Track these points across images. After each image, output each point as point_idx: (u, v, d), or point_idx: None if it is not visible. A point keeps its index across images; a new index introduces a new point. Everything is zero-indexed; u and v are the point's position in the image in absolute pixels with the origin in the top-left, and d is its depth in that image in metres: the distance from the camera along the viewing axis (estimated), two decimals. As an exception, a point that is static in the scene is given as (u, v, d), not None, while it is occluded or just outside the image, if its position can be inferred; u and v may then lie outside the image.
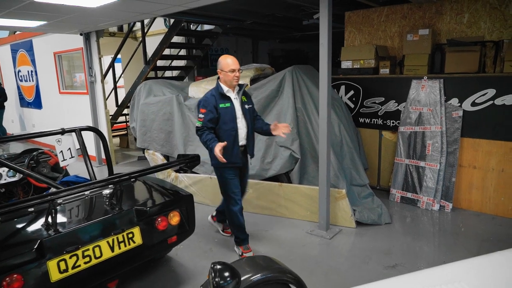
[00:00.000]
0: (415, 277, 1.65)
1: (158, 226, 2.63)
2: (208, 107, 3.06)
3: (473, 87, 4.09)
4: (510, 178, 3.99)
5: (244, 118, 3.19)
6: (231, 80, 3.09)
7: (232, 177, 3.23)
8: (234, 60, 3.11)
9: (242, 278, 1.90)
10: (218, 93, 3.12)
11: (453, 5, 4.63)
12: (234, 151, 3.15)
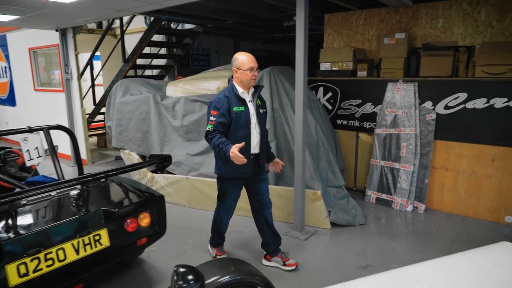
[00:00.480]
0: (378, 279, 1.66)
1: (127, 227, 2.58)
2: (220, 109, 2.74)
3: (446, 91, 4.17)
4: (480, 179, 4.09)
5: (259, 124, 2.89)
6: (249, 79, 2.77)
7: (234, 189, 3.01)
8: (252, 58, 2.81)
9: (209, 280, 1.88)
10: (232, 95, 2.80)
11: (429, 10, 4.72)
12: (247, 160, 2.76)
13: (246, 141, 2.79)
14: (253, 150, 2.89)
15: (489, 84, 3.91)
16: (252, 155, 2.89)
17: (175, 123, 4.67)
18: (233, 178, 2.95)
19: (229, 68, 4.98)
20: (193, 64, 8.53)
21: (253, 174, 2.97)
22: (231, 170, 2.87)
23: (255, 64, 2.79)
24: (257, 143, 2.90)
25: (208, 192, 4.45)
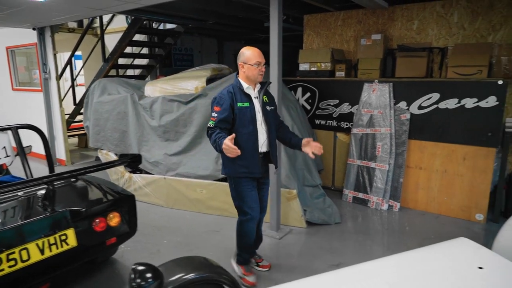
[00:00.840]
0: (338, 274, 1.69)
1: (95, 227, 2.56)
2: (223, 105, 2.62)
3: (420, 91, 4.25)
4: (452, 178, 4.17)
5: (265, 122, 2.74)
6: (255, 75, 2.66)
7: (249, 188, 2.77)
8: (259, 52, 2.69)
9: (174, 277, 1.89)
10: (237, 90, 2.69)
11: (404, 12, 4.81)
12: (254, 158, 2.68)
13: (253, 139, 2.68)
14: (261, 149, 2.74)
15: (460, 85, 4.00)
16: (260, 153, 2.74)
17: (152, 123, 4.64)
18: (245, 177, 2.74)
19: (207, 68, 5.01)
20: (176, 64, 8.50)
21: (263, 173, 2.82)
22: (240, 170, 2.69)
23: (262, 59, 2.68)
24: (264, 142, 2.75)
25: (186, 192, 4.44)
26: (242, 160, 2.61)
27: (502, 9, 4.19)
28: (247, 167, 2.68)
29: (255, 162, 2.68)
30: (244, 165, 2.67)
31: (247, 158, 2.64)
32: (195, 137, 4.41)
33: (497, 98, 3.80)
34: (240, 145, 2.55)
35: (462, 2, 4.41)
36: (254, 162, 2.67)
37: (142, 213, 4.48)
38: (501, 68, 4.11)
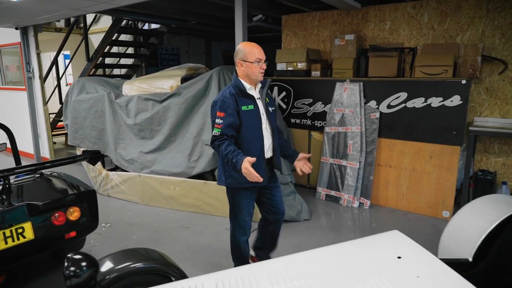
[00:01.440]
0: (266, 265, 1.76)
1: (54, 221, 2.63)
2: (228, 110, 2.36)
3: (388, 91, 4.33)
4: (420, 176, 4.25)
5: (270, 124, 2.55)
6: (256, 73, 2.42)
7: (247, 201, 2.59)
8: (259, 48, 2.45)
9: (122, 265, 1.97)
10: (239, 91, 2.43)
11: (377, 13, 4.89)
12: (260, 166, 2.43)
13: (259, 145, 2.47)
14: (266, 154, 2.54)
15: (426, 84, 4.08)
16: (266, 159, 2.54)
17: (128, 121, 4.72)
18: (245, 188, 2.53)
19: (184, 67, 5.08)
20: (162, 63, 8.57)
21: (268, 180, 2.61)
22: (245, 179, 2.31)
23: (263, 56, 2.44)
24: (269, 146, 2.55)
25: (160, 189, 4.51)
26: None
27: (469, 10, 4.27)
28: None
29: (261, 169, 2.41)
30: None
31: (253, 166, 2.30)
32: (169, 135, 4.49)
33: (461, 97, 3.88)
34: (246, 153, 2.33)
35: (431, 3, 4.49)
36: (260, 170, 2.39)
37: (118, 210, 4.58)
38: (467, 68, 4.19)
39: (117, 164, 4.88)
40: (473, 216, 2.47)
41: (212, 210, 4.28)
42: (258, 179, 2.15)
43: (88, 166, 5.19)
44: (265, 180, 2.48)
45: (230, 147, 2.28)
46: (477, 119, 4.39)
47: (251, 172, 2.14)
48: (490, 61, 4.19)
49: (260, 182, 2.29)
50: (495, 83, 4.24)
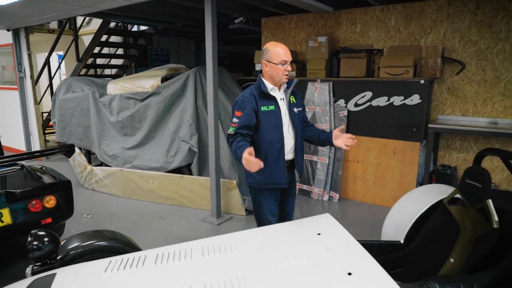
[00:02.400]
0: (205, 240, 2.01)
1: (31, 208, 2.88)
2: (245, 110, 2.36)
3: (355, 90, 4.58)
4: (385, 170, 4.50)
5: (292, 125, 2.48)
6: (280, 75, 2.37)
7: (270, 202, 2.53)
8: (286, 50, 2.38)
9: (87, 243, 2.22)
10: (260, 92, 2.41)
11: (348, 16, 5.14)
12: (279, 168, 2.43)
13: (279, 146, 2.42)
14: (287, 156, 2.49)
15: (389, 84, 4.33)
16: (287, 161, 2.49)
17: (111, 119, 4.97)
18: (266, 189, 2.50)
19: (165, 68, 5.34)
20: (152, 64, 8.81)
21: (290, 183, 2.58)
22: (264, 180, 2.43)
23: (289, 57, 2.38)
24: (291, 148, 2.50)
25: (140, 183, 4.76)
26: (266, 170, 2.28)
27: (431, 14, 4.51)
28: (271, 177, 2.43)
29: (280, 171, 2.42)
30: (269, 176, 2.42)
31: (272, 167, 2.39)
32: (149, 132, 4.75)
33: (420, 96, 4.13)
34: (265, 153, 2.37)
35: (398, 7, 4.74)
36: (279, 171, 2.42)
37: (101, 202, 4.84)
38: (428, 68, 4.43)
39: (101, 160, 5.14)
40: (409, 203, 2.74)
41: (188, 203, 4.54)
42: (259, 166, 2.07)
43: (74, 161, 5.44)
44: (286, 183, 2.47)
45: (239, 143, 2.25)
46: (440, 117, 4.63)
47: (250, 160, 2.07)
48: (451, 62, 4.44)
49: (282, 185, 2.45)
50: (456, 83, 4.48)
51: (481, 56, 4.28)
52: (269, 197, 2.53)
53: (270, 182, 2.46)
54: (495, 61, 4.20)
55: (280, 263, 1.65)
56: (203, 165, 4.50)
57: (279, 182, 2.46)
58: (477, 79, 4.34)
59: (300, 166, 2.58)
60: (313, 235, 1.93)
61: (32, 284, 1.67)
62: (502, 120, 4.25)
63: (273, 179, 2.45)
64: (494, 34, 4.16)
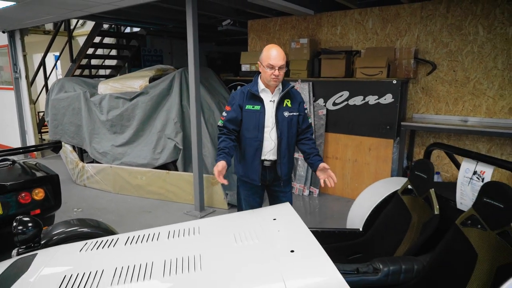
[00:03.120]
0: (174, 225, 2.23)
1: (20, 199, 3.10)
2: (233, 106, 2.51)
3: (334, 90, 4.80)
4: (362, 166, 4.72)
5: (276, 128, 2.51)
6: (268, 78, 2.42)
7: (247, 193, 2.68)
8: (277, 54, 2.37)
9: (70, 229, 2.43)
10: (248, 91, 2.50)
11: (329, 19, 5.36)
12: (254, 165, 2.55)
13: (256, 145, 2.51)
14: (265, 156, 2.54)
15: (365, 84, 4.54)
16: (267, 161, 2.55)
17: (102, 118, 5.19)
18: (245, 181, 2.67)
19: (153, 68, 5.55)
20: (145, 64, 9.01)
21: (269, 183, 2.65)
22: (240, 172, 2.65)
23: (277, 62, 2.35)
24: (271, 150, 2.53)
25: (129, 179, 4.98)
26: (244, 164, 2.56)
27: (406, 17, 4.73)
28: (245, 172, 2.60)
29: (255, 169, 2.54)
30: (245, 170, 2.59)
31: (246, 163, 2.55)
32: (137, 130, 4.96)
33: (393, 95, 4.35)
34: (243, 149, 2.52)
35: (375, 11, 4.95)
36: (254, 169, 2.54)
37: (91, 198, 5.06)
38: (402, 69, 4.65)
39: (92, 157, 5.35)
40: (369, 195, 2.96)
41: (174, 197, 4.75)
42: (219, 180, 2.30)
43: (66, 159, 5.66)
44: (258, 180, 2.56)
45: (221, 144, 2.44)
46: (415, 115, 4.85)
47: (216, 171, 2.31)
48: (424, 63, 4.65)
49: (254, 182, 2.57)
50: (429, 83, 4.70)
51: (452, 57, 4.49)
52: (248, 189, 2.67)
53: (245, 176, 2.62)
54: (465, 62, 4.42)
55: (235, 243, 1.87)
56: (188, 161, 4.72)
57: (252, 178, 2.58)
58: (449, 79, 4.56)
59: (283, 170, 2.58)
60: (269, 220, 2.15)
61: (15, 262, 1.89)
62: (472, 118, 4.47)
63: (247, 174, 2.60)
64: (464, 36, 4.38)
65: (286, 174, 2.64)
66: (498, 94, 4.28)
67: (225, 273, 1.64)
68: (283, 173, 2.60)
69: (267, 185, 2.70)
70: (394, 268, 2.10)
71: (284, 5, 4.65)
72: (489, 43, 4.23)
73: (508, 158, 4.29)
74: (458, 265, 1.98)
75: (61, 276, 1.66)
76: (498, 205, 1.82)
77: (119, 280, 1.60)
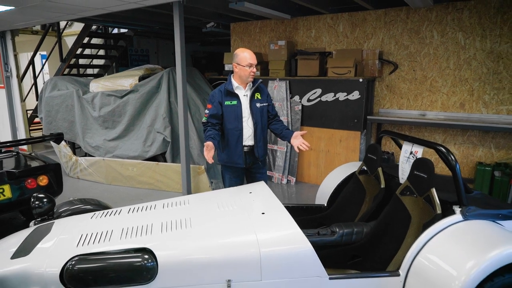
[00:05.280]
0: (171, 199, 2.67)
1: (27, 185, 3.49)
2: (214, 103, 2.96)
3: (308, 87, 5.31)
4: (333, 156, 5.25)
5: (252, 117, 3.01)
6: (247, 75, 2.91)
7: (230, 177, 3.17)
8: (252, 54, 2.92)
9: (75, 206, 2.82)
10: (225, 89, 2.98)
11: (304, 23, 5.86)
12: (237, 151, 3.02)
13: (237, 134, 2.96)
14: (245, 142, 3.02)
15: (335, 82, 5.06)
16: (246, 146, 3.03)
17: (94, 114, 5.56)
18: (228, 166, 3.13)
19: (142, 68, 5.95)
20: (132, 64, 9.36)
21: (250, 165, 3.12)
22: (225, 159, 3.12)
23: (254, 61, 2.91)
24: (249, 136, 3.00)
25: (121, 170, 5.37)
26: (226, 151, 3.04)
27: (372, 22, 5.27)
28: (229, 157, 3.05)
29: (239, 154, 3.01)
30: (229, 156, 3.05)
31: (231, 150, 3.02)
32: (128, 125, 5.36)
33: (359, 92, 4.88)
34: (228, 139, 2.98)
35: (345, 16, 5.48)
36: (238, 154, 3.02)
37: (85, 188, 5.42)
38: (368, 69, 5.19)
39: (85, 151, 5.72)
40: (332, 176, 3.46)
41: (163, 186, 5.18)
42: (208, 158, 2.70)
43: (60, 153, 6.00)
44: (242, 163, 3.05)
45: (208, 133, 2.89)
46: (381, 110, 5.40)
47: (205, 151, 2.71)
48: (388, 63, 5.20)
49: (239, 164, 3.04)
50: (393, 81, 5.26)
51: (411, 58, 5.06)
52: (231, 173, 3.16)
53: (230, 161, 3.09)
54: (423, 63, 4.99)
55: (217, 209, 2.35)
56: (176, 153, 5.15)
57: (237, 162, 3.07)
58: (409, 77, 5.12)
59: (260, 151, 3.09)
60: (246, 193, 2.62)
61: (38, 228, 2.31)
62: (430, 112, 5.04)
63: (232, 159, 3.07)
64: (421, 39, 4.94)
65: (262, 156, 3.15)
66: (451, 91, 4.86)
67: (210, 228, 2.11)
68: (260, 154, 3.11)
69: (246, 168, 3.19)
70: (348, 231, 2.61)
71: (263, 11, 5.12)
72: (442, 46, 4.80)
73: (460, 146, 4.89)
74: (397, 226, 2.49)
75: (79, 234, 2.10)
76: (423, 175, 2.34)
77: (126, 236, 2.05)
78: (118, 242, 2.01)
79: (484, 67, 4.61)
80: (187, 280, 1.92)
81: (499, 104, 4.60)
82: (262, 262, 1.94)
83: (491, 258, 1.84)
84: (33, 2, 4.25)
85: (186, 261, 1.92)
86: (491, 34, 4.50)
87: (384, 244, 2.48)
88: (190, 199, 2.61)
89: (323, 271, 2.01)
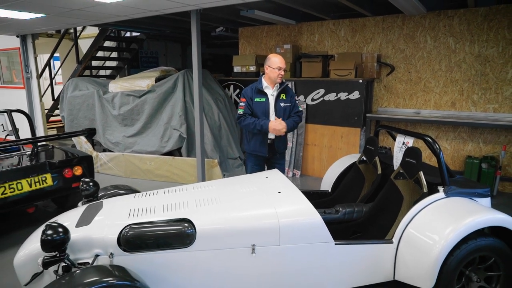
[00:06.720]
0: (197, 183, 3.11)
1: (65, 174, 3.94)
2: (246, 97, 3.47)
3: (312, 88, 5.76)
4: (335, 151, 5.69)
5: (276, 114, 3.48)
6: (275, 77, 3.41)
7: (252, 165, 3.63)
8: (282, 59, 3.43)
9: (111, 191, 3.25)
10: (256, 88, 3.48)
11: (308, 28, 6.31)
12: (263, 142, 3.50)
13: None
14: (269, 135, 3.50)
15: (337, 83, 5.51)
16: (270, 139, 3.51)
17: (114, 112, 6.01)
18: (252, 155, 3.59)
19: (158, 69, 6.40)
20: (143, 65, 9.80)
21: (270, 156, 3.60)
22: (251, 148, 3.58)
23: (283, 65, 3.42)
24: None
25: (139, 165, 5.82)
26: (254, 141, 3.51)
27: (371, 27, 5.72)
28: (255, 147, 3.53)
29: (263, 144, 3.50)
30: (254, 145, 3.53)
31: (258, 140, 3.51)
32: (146, 123, 5.81)
33: (359, 92, 5.33)
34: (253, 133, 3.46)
35: (346, 22, 5.93)
36: (263, 144, 3.51)
37: (106, 182, 5.85)
38: (368, 71, 5.64)
39: (105, 146, 6.17)
40: (336, 166, 3.91)
41: (179, 179, 5.62)
42: (282, 129, 3.34)
43: (81, 148, 6.44)
44: (265, 153, 3.54)
45: (252, 119, 3.40)
46: (379, 109, 5.85)
47: (275, 125, 3.33)
48: (386, 66, 5.65)
49: (262, 153, 3.53)
50: (390, 82, 5.71)
51: (407, 61, 5.51)
52: (254, 161, 3.65)
53: (255, 150, 3.56)
54: (417, 65, 5.44)
55: (240, 189, 2.79)
56: (191, 148, 5.59)
57: (261, 151, 3.56)
58: (405, 79, 5.57)
59: (279, 145, 3.60)
60: (263, 178, 3.07)
61: (90, 206, 2.75)
62: (424, 110, 5.50)
63: (257, 148, 3.56)
64: (416, 44, 5.39)
65: (281, 149, 3.66)
66: (443, 91, 5.32)
67: (236, 204, 2.56)
68: (280, 148, 3.63)
69: (268, 158, 3.68)
70: (350, 210, 3.06)
71: (270, 17, 5.57)
72: (435, 50, 5.26)
73: (452, 141, 5.34)
74: (391, 205, 2.94)
75: (127, 209, 2.54)
76: (412, 161, 2.79)
77: (168, 210, 2.50)
78: (161, 214, 2.45)
79: (472, 69, 5.06)
80: (220, 244, 2.36)
81: (487, 103, 5.05)
82: (280, 230, 2.38)
83: (465, 224, 2.29)
84: (63, 9, 4.70)
85: (219, 229, 2.36)
86: (479, 39, 4.96)
87: (381, 220, 2.92)
88: (215, 183, 3.05)
89: (330, 238, 2.45)
